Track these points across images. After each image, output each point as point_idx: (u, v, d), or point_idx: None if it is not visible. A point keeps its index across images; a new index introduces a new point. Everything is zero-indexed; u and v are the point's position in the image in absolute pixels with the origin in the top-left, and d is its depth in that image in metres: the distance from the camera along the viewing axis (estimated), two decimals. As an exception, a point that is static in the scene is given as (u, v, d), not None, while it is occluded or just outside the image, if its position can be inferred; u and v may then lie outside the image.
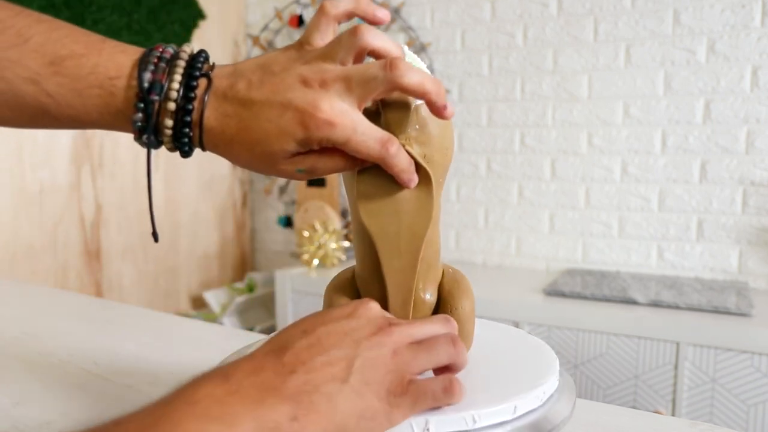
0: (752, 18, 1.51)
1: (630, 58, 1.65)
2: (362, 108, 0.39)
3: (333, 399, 0.32)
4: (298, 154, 0.39)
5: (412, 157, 0.40)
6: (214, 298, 2.04)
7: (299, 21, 2.10)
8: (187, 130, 0.39)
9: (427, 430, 0.36)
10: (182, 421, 0.28)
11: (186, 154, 0.41)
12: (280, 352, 0.33)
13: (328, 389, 0.32)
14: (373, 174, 0.41)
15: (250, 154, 0.39)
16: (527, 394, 0.39)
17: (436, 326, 0.38)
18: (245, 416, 0.29)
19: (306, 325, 0.35)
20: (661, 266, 1.66)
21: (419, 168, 0.40)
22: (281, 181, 2.26)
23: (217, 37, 2.16)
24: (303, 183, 2.04)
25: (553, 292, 1.48)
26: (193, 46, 0.42)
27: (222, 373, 0.31)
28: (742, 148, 1.55)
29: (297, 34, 2.15)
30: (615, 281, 1.56)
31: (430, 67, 1.90)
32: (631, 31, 1.64)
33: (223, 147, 0.40)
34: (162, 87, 0.38)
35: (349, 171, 0.42)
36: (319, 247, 1.86)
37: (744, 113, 1.53)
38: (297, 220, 2.00)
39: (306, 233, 1.88)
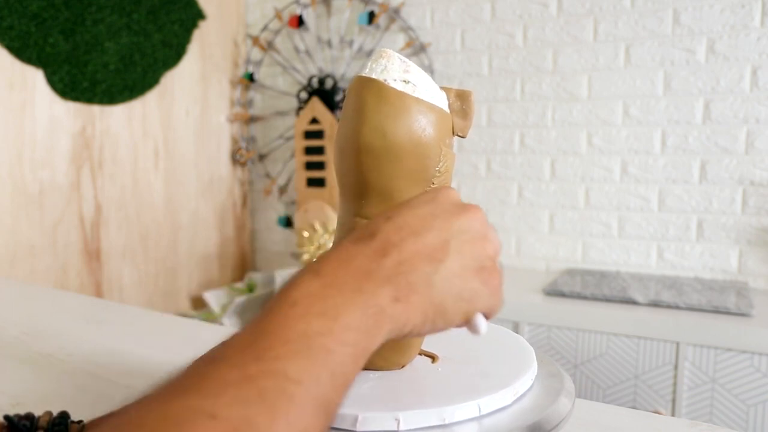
0: (752, 18, 1.51)
1: (630, 58, 1.65)
2: None
3: (430, 279, 0.31)
4: None
5: None
6: (214, 299, 2.04)
7: (299, 21, 2.09)
8: None
9: (397, 420, 0.36)
10: (287, 324, 0.27)
11: None
12: (368, 239, 0.32)
13: (425, 270, 0.31)
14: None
15: None
16: (495, 394, 0.39)
17: None
18: (347, 306, 0.28)
19: (388, 213, 0.33)
20: (660, 266, 1.66)
21: None
22: (281, 181, 2.26)
23: (216, 37, 2.16)
24: (303, 183, 2.04)
25: (553, 292, 1.48)
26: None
27: (312, 270, 0.30)
28: (741, 148, 1.55)
29: (297, 35, 2.15)
30: (615, 281, 1.56)
31: (430, 67, 1.90)
32: (630, 31, 1.64)
33: None
34: None
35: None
36: (319, 247, 1.86)
37: (744, 113, 1.53)
38: (297, 220, 2.00)
39: (306, 233, 1.88)
